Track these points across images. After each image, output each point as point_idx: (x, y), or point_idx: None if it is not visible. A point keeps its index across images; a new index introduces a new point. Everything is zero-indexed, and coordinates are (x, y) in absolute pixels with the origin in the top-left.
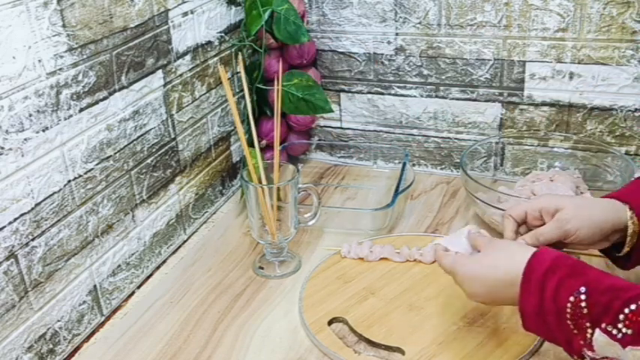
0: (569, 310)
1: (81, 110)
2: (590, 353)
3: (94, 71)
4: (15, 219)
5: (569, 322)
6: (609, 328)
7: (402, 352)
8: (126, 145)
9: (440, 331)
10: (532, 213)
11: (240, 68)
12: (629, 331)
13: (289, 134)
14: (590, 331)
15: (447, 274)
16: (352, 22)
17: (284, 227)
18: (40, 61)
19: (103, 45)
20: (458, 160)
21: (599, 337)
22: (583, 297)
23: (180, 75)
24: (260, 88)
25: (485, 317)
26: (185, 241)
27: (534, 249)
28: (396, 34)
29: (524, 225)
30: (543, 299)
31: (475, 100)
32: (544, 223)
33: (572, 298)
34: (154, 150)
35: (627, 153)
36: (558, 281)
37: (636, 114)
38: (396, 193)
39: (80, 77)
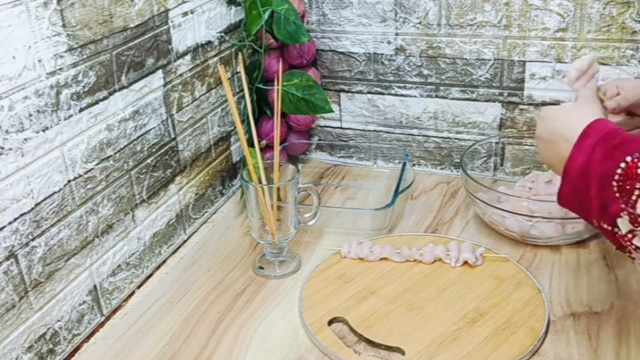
0: (619, 171)
1: (81, 110)
2: (632, 212)
3: (94, 71)
4: (15, 219)
5: (614, 183)
6: None
7: (402, 352)
8: (126, 145)
9: (440, 331)
10: (611, 89)
11: (240, 68)
12: None
13: (289, 134)
14: (637, 192)
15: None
16: (352, 22)
17: (284, 227)
18: (40, 61)
19: (103, 45)
20: (458, 160)
21: None
22: None
23: (180, 75)
24: (260, 88)
25: (486, 317)
26: (185, 241)
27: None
28: (396, 34)
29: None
30: (593, 158)
31: (475, 100)
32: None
33: (629, 158)
34: (154, 150)
35: None
36: (616, 144)
37: None
38: (396, 193)
39: (80, 77)
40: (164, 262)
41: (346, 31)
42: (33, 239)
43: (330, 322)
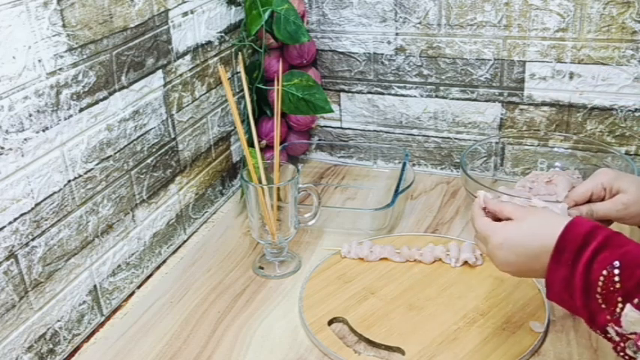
0: (600, 284)
1: (81, 110)
2: (617, 328)
3: (94, 71)
4: (15, 219)
5: (598, 296)
6: None
7: (402, 352)
8: (126, 145)
9: (440, 331)
10: (598, 192)
11: (240, 68)
12: None
13: (289, 134)
14: (620, 306)
15: (478, 237)
16: (352, 22)
17: (284, 227)
18: (40, 61)
19: (103, 45)
20: (458, 160)
21: (629, 313)
22: (617, 271)
23: (180, 75)
24: (260, 88)
25: (486, 317)
26: (185, 241)
27: (569, 218)
28: (396, 34)
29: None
30: (574, 273)
31: (475, 100)
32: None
33: (605, 272)
34: (154, 150)
35: (627, 153)
36: (592, 254)
37: (636, 114)
38: (396, 193)
39: (80, 77)
40: (164, 262)
41: (346, 31)
42: (33, 239)
43: (330, 322)
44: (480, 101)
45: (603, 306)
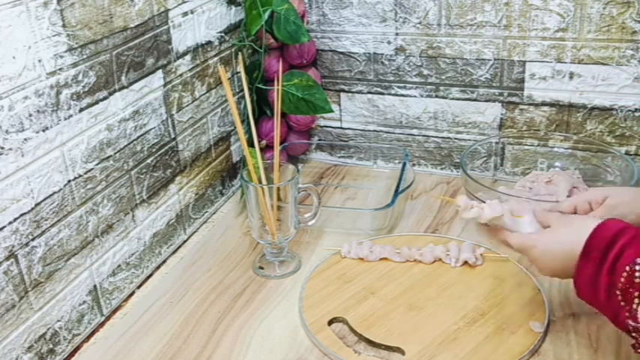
0: (622, 280)
1: (81, 110)
2: (633, 323)
3: (94, 71)
4: (15, 219)
5: (618, 292)
6: None
7: (402, 352)
8: (126, 145)
9: (440, 331)
10: (581, 205)
11: (240, 68)
12: None
13: (289, 134)
14: (636, 301)
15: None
16: (352, 22)
17: (284, 227)
18: (40, 61)
19: (103, 45)
20: (458, 160)
21: None
22: (638, 267)
23: (180, 75)
24: (260, 88)
25: (486, 317)
26: (185, 241)
27: (601, 219)
28: (396, 34)
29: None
30: (601, 270)
31: (475, 100)
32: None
33: (627, 268)
34: (154, 150)
35: (627, 153)
36: (619, 251)
37: (636, 114)
38: (396, 193)
39: (80, 77)
40: (164, 262)
41: (346, 31)
42: (33, 239)
43: (330, 322)
44: (480, 101)
45: (622, 303)
